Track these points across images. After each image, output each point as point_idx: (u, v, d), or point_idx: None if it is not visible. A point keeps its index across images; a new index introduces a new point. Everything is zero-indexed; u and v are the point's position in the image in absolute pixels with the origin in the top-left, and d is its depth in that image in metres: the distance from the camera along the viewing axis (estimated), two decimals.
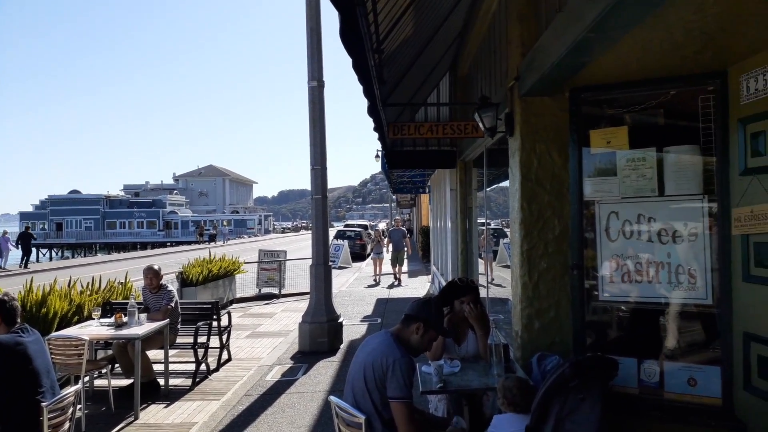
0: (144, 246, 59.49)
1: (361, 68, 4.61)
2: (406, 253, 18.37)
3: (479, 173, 8.70)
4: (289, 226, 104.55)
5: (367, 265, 18.76)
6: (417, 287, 15.70)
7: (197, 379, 6.92)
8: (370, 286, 16.14)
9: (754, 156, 3.62)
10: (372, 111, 6.11)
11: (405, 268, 19.69)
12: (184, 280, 11.54)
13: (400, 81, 7.26)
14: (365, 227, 33.09)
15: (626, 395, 4.22)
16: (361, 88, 5.35)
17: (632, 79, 4.24)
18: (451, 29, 7.71)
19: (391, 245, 18.08)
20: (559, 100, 4.59)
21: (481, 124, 5.26)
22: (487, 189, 8.65)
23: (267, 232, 78.63)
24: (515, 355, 4.73)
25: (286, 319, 11.36)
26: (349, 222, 43.18)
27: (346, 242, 24.01)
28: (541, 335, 4.54)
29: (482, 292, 8.04)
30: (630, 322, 4.47)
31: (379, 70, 5.23)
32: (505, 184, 6.46)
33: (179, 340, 7.04)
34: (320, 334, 8.42)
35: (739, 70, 3.78)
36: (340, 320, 8.75)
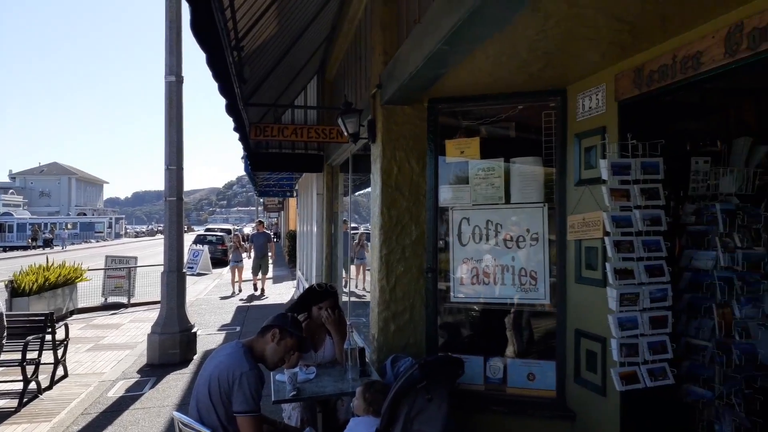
0: None
1: (217, 65, 4.37)
2: (270, 259, 16.62)
3: (346, 178, 8.73)
4: (144, 229, 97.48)
5: (228, 273, 17.21)
6: (281, 293, 15.38)
7: (25, 400, 6.11)
8: (224, 298, 14.52)
9: (587, 168, 3.98)
10: (232, 110, 5.84)
11: (270, 273, 18.61)
12: (15, 290, 10.21)
13: (264, 80, 7.05)
14: (229, 231, 31.86)
15: (473, 392, 4.44)
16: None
17: (485, 92, 4.47)
18: (319, 32, 7.66)
19: (253, 251, 16.08)
20: (418, 110, 4.72)
21: (344, 130, 5.26)
22: (355, 194, 8.70)
23: (118, 236, 72.65)
24: (371, 358, 4.76)
25: (134, 330, 10.50)
26: (210, 226, 41.25)
27: (206, 247, 22.87)
28: (397, 337, 4.62)
29: (345, 297, 8.07)
30: (479, 322, 4.72)
31: (239, 67, 5.02)
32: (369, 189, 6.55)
33: (4, 356, 6.16)
34: (172, 345, 7.87)
35: (577, 89, 4.14)
36: (194, 330, 8.25)
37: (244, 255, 16.90)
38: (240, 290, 15.68)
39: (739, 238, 3.44)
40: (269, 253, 15.94)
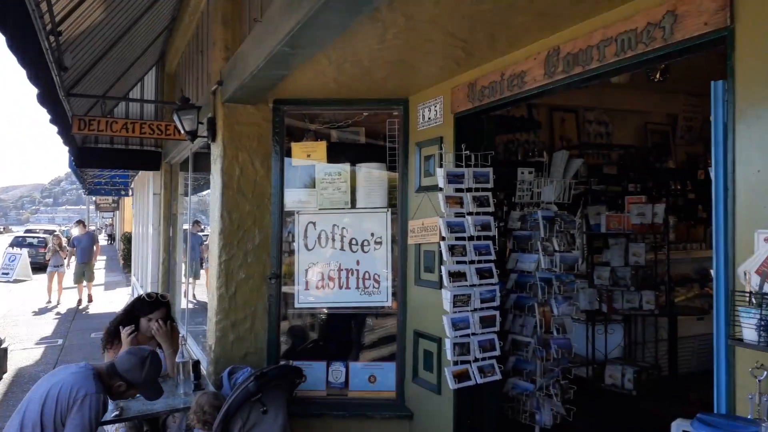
0: None
1: (24, 50, 3.80)
2: (94, 263, 14.07)
3: (186, 177, 8.21)
4: None
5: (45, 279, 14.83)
6: (114, 300, 14.03)
7: None
8: (42, 310, 12.60)
9: (426, 176, 4.14)
10: (47, 100, 5.16)
11: (101, 279, 16.64)
12: None
13: (91, 69, 6.35)
14: (53, 232, 28.53)
15: (315, 398, 4.42)
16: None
17: (331, 97, 4.45)
18: (158, 20, 7.09)
19: (75, 256, 13.80)
20: (263, 110, 4.56)
21: (180, 127, 4.91)
22: (198, 194, 8.22)
23: None
24: (208, 370, 4.52)
25: None
26: (32, 227, 36.61)
27: (25, 251, 20.22)
28: (236, 347, 4.42)
29: (183, 305, 7.59)
30: (323, 328, 4.70)
31: (58, 55, 4.44)
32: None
33: None
34: None
35: (418, 100, 4.29)
36: (3, 345, 7.22)
37: (67, 258, 14.49)
38: (59, 302, 13.50)
39: (557, 243, 3.80)
40: (94, 258, 13.85)
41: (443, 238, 3.65)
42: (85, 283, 13.31)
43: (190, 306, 7.11)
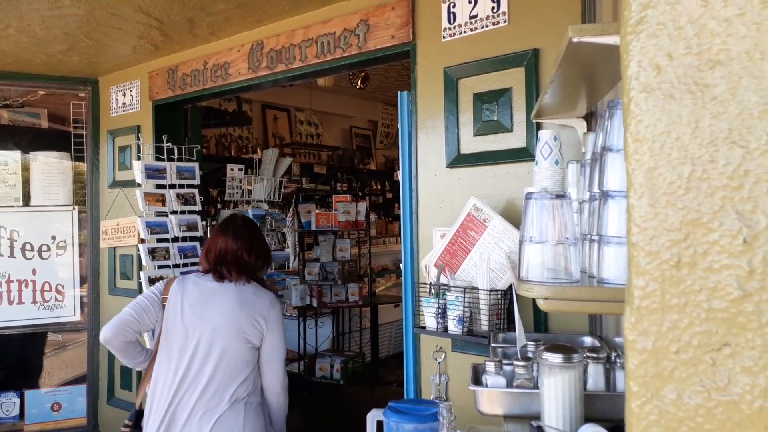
0: None
1: None
2: None
3: None
4: None
5: None
6: None
7: None
8: None
9: (121, 170, 3.65)
10: None
11: None
12: None
13: None
14: None
15: None
16: None
17: None
18: None
19: None
20: None
21: None
22: None
23: None
24: None
25: None
26: None
27: None
28: None
29: None
30: None
31: None
32: None
33: None
34: None
35: (110, 82, 3.76)
36: None
37: None
38: None
39: (270, 242, 3.74)
40: None
41: (143, 241, 3.25)
42: None
43: None
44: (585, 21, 1.89)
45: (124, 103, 3.64)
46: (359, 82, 5.57)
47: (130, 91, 3.61)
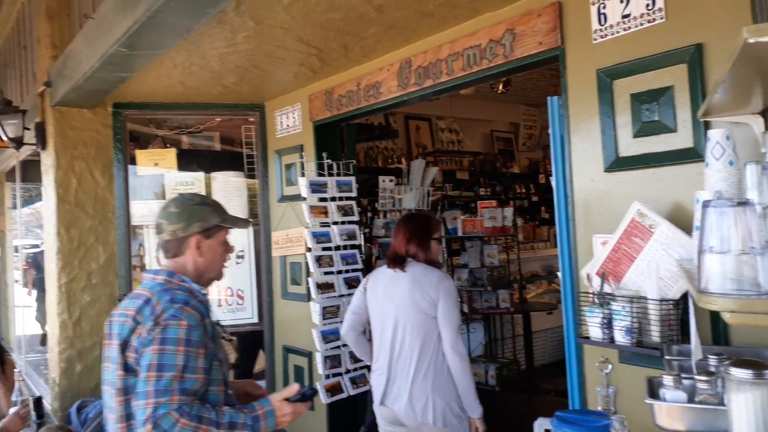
0: None
1: None
2: None
3: (14, 189, 7.26)
4: None
5: None
6: None
7: None
8: None
9: (288, 185, 4.02)
10: None
11: None
12: None
13: None
14: None
15: None
16: None
17: (178, 101, 4.17)
18: None
19: None
20: (101, 115, 4.13)
21: (2, 133, 4.30)
22: (27, 207, 7.33)
23: None
24: (53, 405, 4.02)
25: None
26: None
27: None
28: (84, 379, 3.97)
29: (20, 332, 6.70)
30: None
31: None
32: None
33: None
34: None
35: (274, 106, 4.16)
36: None
37: None
38: None
39: None
40: None
41: (309, 249, 3.56)
42: None
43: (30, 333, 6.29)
44: (755, 11, 1.74)
45: (288, 125, 4.01)
46: (501, 87, 5.55)
47: (293, 113, 3.97)
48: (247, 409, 1.65)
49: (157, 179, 4.25)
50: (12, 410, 3.09)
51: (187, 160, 4.37)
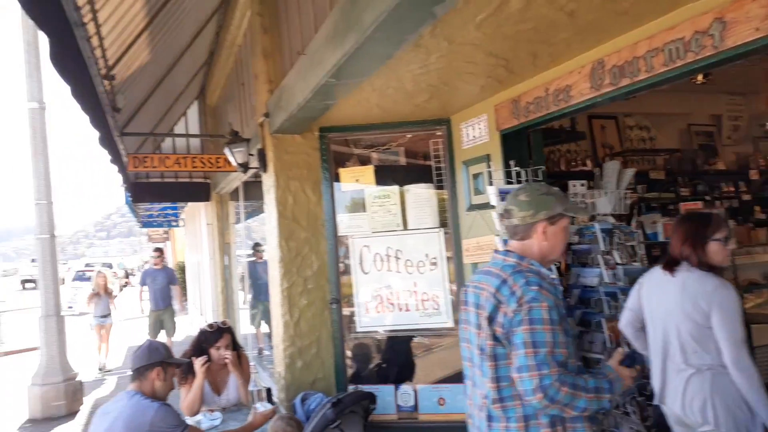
0: None
1: (84, 96, 4.05)
2: (177, 310, 9.72)
3: (237, 206, 8.46)
4: (11, 268, 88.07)
5: (94, 336, 9.92)
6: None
7: None
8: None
9: (476, 194, 4.16)
10: (107, 142, 5.45)
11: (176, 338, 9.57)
12: None
13: (140, 107, 6.67)
14: (110, 266, 29.71)
15: (386, 422, 4.42)
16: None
17: (374, 122, 4.56)
18: (197, 56, 7.39)
19: (146, 298, 9.34)
20: (309, 139, 4.69)
21: (232, 160, 5.10)
22: (246, 221, 8.41)
23: None
24: (279, 396, 4.61)
25: (9, 382, 9.37)
26: (89, 261, 38.13)
27: (86, 284, 21.13)
28: (304, 374, 4.51)
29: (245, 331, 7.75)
30: (387, 350, 4.73)
31: (112, 97, 4.70)
32: (264, 215, 6.38)
33: None
34: (55, 396, 7.11)
35: (460, 119, 4.34)
36: (78, 378, 7.53)
37: (113, 309, 9.87)
38: (104, 367, 9.62)
39: (618, 255, 3.73)
40: (175, 303, 9.61)
41: None
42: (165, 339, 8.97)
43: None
44: None
45: (474, 136, 4.16)
46: (700, 77, 5.07)
47: (479, 124, 4.11)
48: (600, 375, 1.93)
49: (357, 194, 4.68)
50: (258, 408, 3.56)
51: (381, 175, 4.73)
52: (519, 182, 3.70)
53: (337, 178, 4.72)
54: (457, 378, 4.39)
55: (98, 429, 2.86)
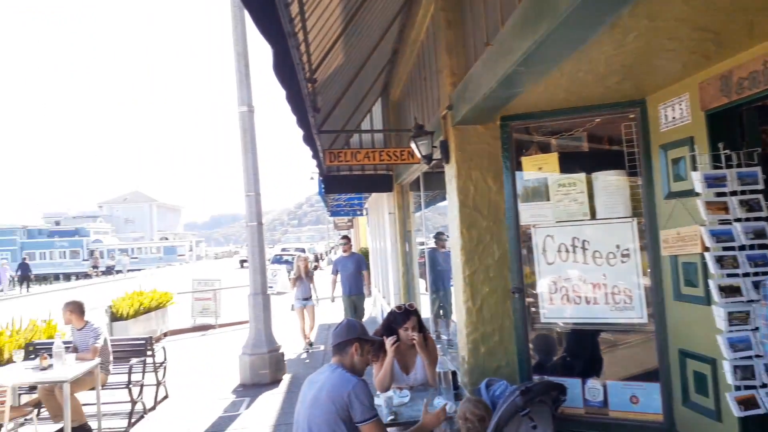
0: (67, 277, 56.04)
1: (295, 99, 4.55)
2: (367, 295, 10.44)
3: (416, 196, 8.79)
4: (223, 251, 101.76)
5: (296, 318, 10.73)
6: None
7: (133, 420, 6.52)
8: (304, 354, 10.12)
9: (676, 181, 3.82)
10: (308, 140, 6.05)
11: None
12: (114, 315, 10.97)
13: (334, 107, 7.25)
14: (303, 250, 32.75)
15: (573, 416, 4.31)
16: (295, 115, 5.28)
17: (559, 107, 4.41)
18: (382, 55, 7.80)
19: (338, 284, 10.31)
20: (491, 128, 4.71)
21: (417, 152, 5.32)
22: (425, 210, 8.73)
23: (199, 258, 76.21)
24: (463, 380, 4.74)
25: (224, 350, 10.95)
26: (285, 246, 42.42)
27: (283, 267, 23.58)
28: (488, 360, 4.58)
29: (425, 316, 8.05)
30: (572, 343, 4.59)
31: (313, 98, 5.19)
32: (442, 204, 6.54)
33: (111, 379, 6.62)
34: (261, 365, 8.18)
35: (657, 100, 4.00)
36: (281, 350, 8.53)
37: (314, 293, 10.60)
38: (309, 347, 10.27)
39: None
40: (365, 288, 10.20)
41: (707, 249, 3.33)
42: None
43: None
44: None
45: (673, 118, 3.82)
46: None
47: (679, 104, 3.76)
48: None
49: (540, 182, 4.59)
50: (437, 404, 3.72)
51: (566, 163, 4.57)
52: (729, 166, 3.33)
53: (518, 167, 4.67)
54: (650, 376, 4.12)
55: (307, 394, 3.26)
